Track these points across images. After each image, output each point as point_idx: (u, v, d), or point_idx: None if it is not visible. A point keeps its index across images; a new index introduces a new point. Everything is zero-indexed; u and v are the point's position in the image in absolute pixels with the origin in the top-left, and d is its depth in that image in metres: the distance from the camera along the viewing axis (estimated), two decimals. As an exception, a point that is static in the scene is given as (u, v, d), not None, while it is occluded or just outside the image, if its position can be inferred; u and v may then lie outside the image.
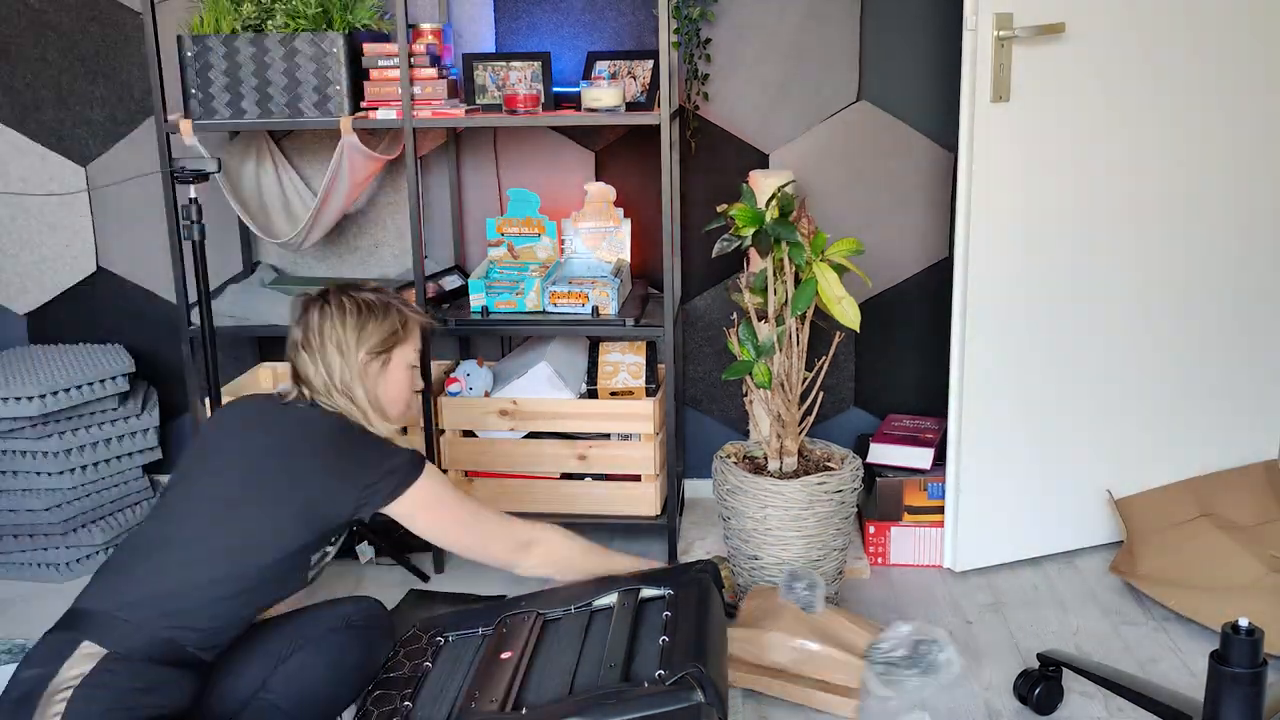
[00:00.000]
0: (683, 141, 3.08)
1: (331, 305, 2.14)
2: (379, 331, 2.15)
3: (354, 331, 2.12)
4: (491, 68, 2.87)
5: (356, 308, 2.14)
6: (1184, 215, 2.78)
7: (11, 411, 2.77)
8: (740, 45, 3.01)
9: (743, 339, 2.58)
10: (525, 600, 2.20)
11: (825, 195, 3.08)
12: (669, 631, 1.92)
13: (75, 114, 3.18)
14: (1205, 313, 2.85)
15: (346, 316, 2.13)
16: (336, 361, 2.11)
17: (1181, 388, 2.88)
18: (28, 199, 3.23)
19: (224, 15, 2.73)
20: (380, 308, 2.16)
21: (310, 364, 2.12)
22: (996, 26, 2.52)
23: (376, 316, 2.15)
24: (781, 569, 2.55)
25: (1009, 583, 2.81)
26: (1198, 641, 2.51)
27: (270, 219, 3.00)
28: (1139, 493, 2.90)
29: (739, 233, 2.53)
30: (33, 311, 3.31)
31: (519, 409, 2.86)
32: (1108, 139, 2.68)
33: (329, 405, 2.13)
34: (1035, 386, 2.77)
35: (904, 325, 3.15)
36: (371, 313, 2.15)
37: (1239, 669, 1.76)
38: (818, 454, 2.71)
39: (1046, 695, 2.24)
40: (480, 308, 2.79)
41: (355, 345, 2.12)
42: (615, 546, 3.04)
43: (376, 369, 2.16)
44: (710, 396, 3.25)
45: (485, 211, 3.17)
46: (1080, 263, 2.73)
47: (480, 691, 1.87)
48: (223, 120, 2.75)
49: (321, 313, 2.13)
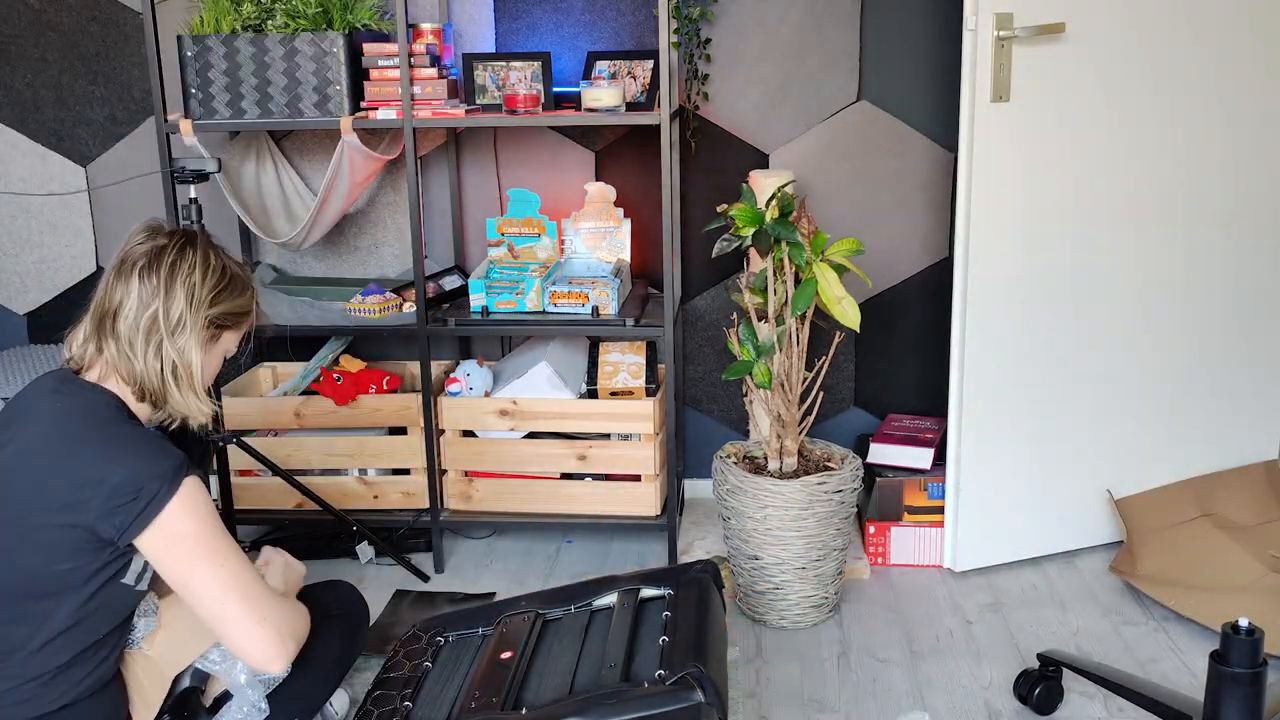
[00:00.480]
0: (683, 141, 3.08)
1: (197, 253, 1.82)
2: (232, 305, 1.86)
3: (210, 291, 1.81)
4: (491, 68, 2.87)
5: (222, 269, 1.85)
6: (1184, 215, 2.78)
7: (11, 411, 2.77)
8: (740, 45, 3.01)
9: (743, 339, 2.58)
10: (525, 600, 2.20)
11: (825, 195, 3.08)
12: (669, 631, 1.92)
13: (75, 114, 3.18)
14: (1205, 313, 2.85)
15: (209, 274, 1.82)
16: (179, 308, 1.77)
17: (1181, 388, 2.88)
18: (28, 199, 3.23)
19: (224, 15, 2.73)
20: (241, 283, 1.88)
21: (134, 296, 1.76)
22: (996, 26, 2.52)
23: (236, 289, 1.86)
24: (781, 566, 2.55)
25: (1009, 583, 2.80)
26: (1198, 641, 2.51)
27: (270, 219, 3.00)
28: (1139, 493, 2.90)
29: (739, 233, 2.53)
30: (33, 311, 3.31)
31: (519, 409, 2.86)
32: (1108, 139, 2.68)
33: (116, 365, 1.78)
34: (1035, 386, 2.77)
35: (904, 325, 3.15)
36: (233, 283, 1.86)
37: (1239, 669, 1.76)
38: (818, 454, 2.71)
39: (1046, 695, 2.24)
40: (480, 308, 2.79)
41: (207, 303, 1.81)
42: (615, 546, 3.06)
43: (204, 340, 1.83)
44: (710, 396, 3.25)
45: (485, 211, 3.17)
46: (1080, 262, 2.73)
47: (480, 691, 1.87)
48: (223, 120, 2.75)
49: (181, 253, 1.81)
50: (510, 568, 2.95)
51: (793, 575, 2.57)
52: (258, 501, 2.97)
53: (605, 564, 2.95)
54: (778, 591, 2.59)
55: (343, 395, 2.91)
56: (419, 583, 2.86)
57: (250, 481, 2.96)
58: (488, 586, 2.82)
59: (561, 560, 2.98)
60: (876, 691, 2.37)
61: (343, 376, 2.95)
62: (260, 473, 2.94)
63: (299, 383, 3.04)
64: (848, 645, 2.55)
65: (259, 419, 2.96)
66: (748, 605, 2.67)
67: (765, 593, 2.61)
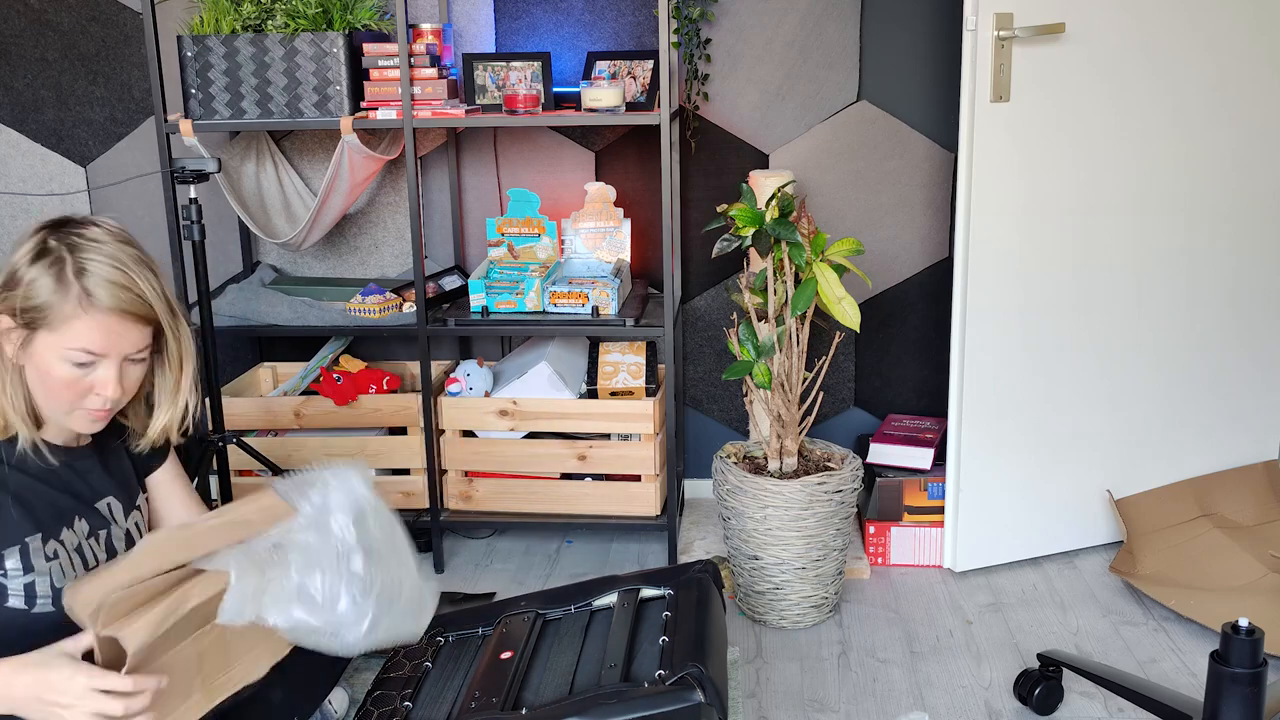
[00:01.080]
0: (683, 141, 3.08)
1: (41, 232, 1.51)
2: (35, 294, 1.48)
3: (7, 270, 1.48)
4: (491, 68, 2.87)
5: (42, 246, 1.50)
6: (1184, 214, 2.78)
7: (11, 411, 2.77)
8: (740, 45, 3.01)
9: (743, 339, 2.58)
10: (525, 600, 2.20)
11: (825, 195, 3.08)
12: (669, 631, 1.92)
13: (75, 114, 3.18)
14: (1205, 313, 2.85)
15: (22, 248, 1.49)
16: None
17: (1181, 388, 2.88)
18: (28, 199, 3.23)
19: (224, 15, 2.73)
20: (60, 266, 1.47)
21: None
22: (996, 26, 2.52)
23: (50, 275, 1.48)
24: (781, 566, 2.56)
25: (1009, 583, 2.81)
26: (1198, 641, 2.51)
27: (270, 219, 3.00)
28: (1139, 493, 2.90)
29: (739, 233, 2.53)
30: (33, 311, 3.31)
31: (519, 409, 2.86)
32: (1107, 139, 2.68)
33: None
34: (1035, 386, 2.77)
35: (904, 325, 3.15)
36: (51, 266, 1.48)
37: (1239, 669, 1.76)
38: (818, 454, 2.71)
39: (1046, 695, 2.24)
40: (480, 308, 2.79)
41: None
42: (615, 546, 3.06)
43: (16, 340, 1.51)
44: (710, 396, 3.25)
45: (485, 211, 3.17)
46: (1080, 262, 2.73)
47: (480, 691, 1.88)
48: (223, 120, 2.75)
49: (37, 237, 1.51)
50: (510, 568, 2.95)
51: (793, 575, 2.57)
52: (258, 501, 2.96)
53: (605, 564, 2.95)
54: (778, 591, 2.59)
55: (343, 395, 2.91)
56: (419, 583, 2.86)
57: (250, 481, 2.96)
58: (488, 586, 2.82)
59: (561, 560, 2.99)
60: (876, 691, 2.37)
61: (343, 376, 2.95)
62: (260, 473, 2.94)
63: (299, 383, 3.04)
64: (848, 645, 2.55)
65: (259, 419, 2.96)
66: (748, 605, 2.67)
67: (765, 593, 2.61)
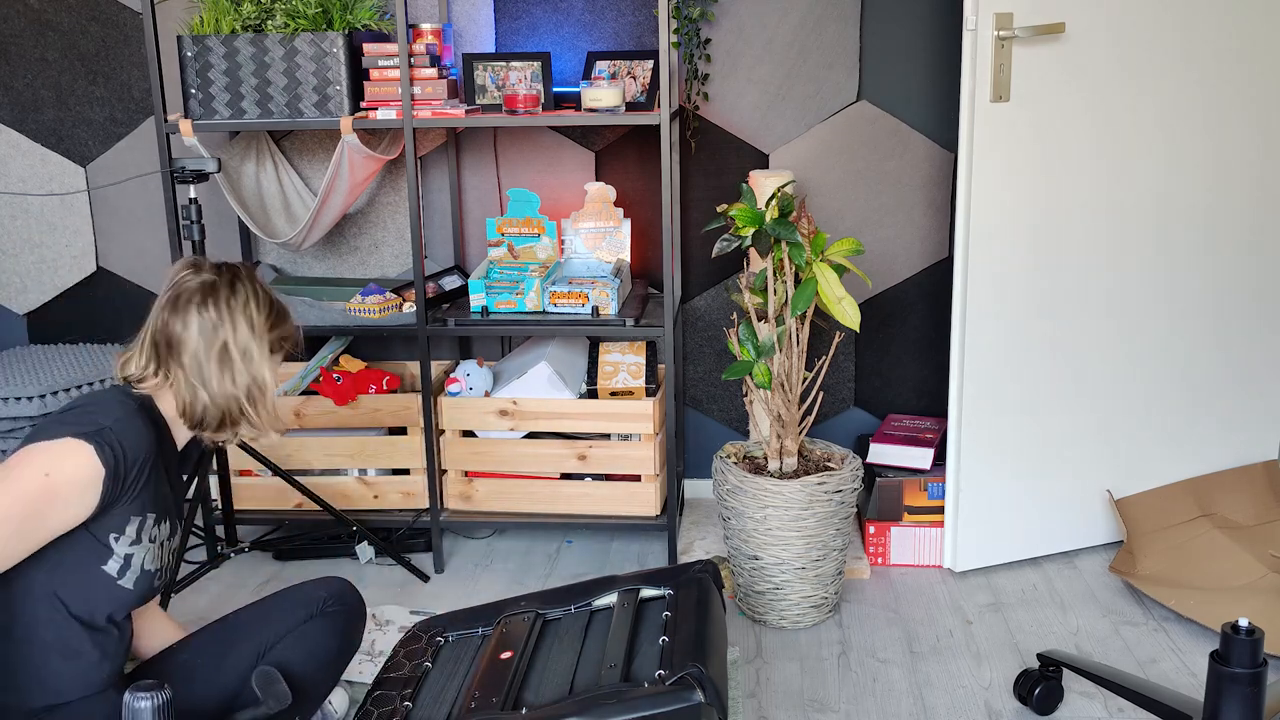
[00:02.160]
0: (683, 141, 3.08)
1: (247, 286, 1.93)
2: (283, 330, 1.99)
3: (265, 319, 1.94)
4: (491, 68, 2.87)
5: (270, 299, 1.98)
6: (1183, 214, 2.78)
7: (11, 411, 2.77)
8: (740, 45, 3.01)
9: (743, 339, 2.58)
10: (525, 600, 2.20)
11: (825, 195, 3.08)
12: (669, 631, 1.92)
13: (75, 114, 3.18)
14: (1205, 313, 2.85)
15: (261, 304, 1.94)
16: (244, 337, 1.90)
17: (1181, 388, 2.88)
18: (28, 199, 3.23)
19: (224, 15, 2.73)
20: (285, 309, 2.01)
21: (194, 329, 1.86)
22: (996, 26, 2.52)
23: (284, 315, 2.00)
24: (781, 566, 2.56)
25: (1009, 583, 2.81)
26: (1198, 641, 2.51)
27: (270, 219, 3.00)
28: (1139, 493, 2.90)
29: (739, 233, 2.53)
30: (33, 311, 3.31)
31: (519, 409, 2.86)
32: (1107, 139, 2.68)
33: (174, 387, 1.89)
34: (1035, 386, 2.77)
35: (904, 325, 3.15)
36: (282, 311, 1.99)
37: (1239, 669, 1.76)
38: (818, 454, 2.71)
39: (1046, 695, 2.24)
40: (480, 308, 2.79)
41: (266, 329, 1.94)
42: (615, 546, 3.06)
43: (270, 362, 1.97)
44: (710, 396, 3.25)
45: (485, 211, 3.17)
46: (1080, 262, 2.73)
47: (480, 691, 1.87)
48: (223, 120, 2.75)
49: (233, 288, 1.91)
50: (510, 568, 2.95)
51: (793, 575, 2.57)
52: (258, 501, 2.97)
53: (605, 564, 2.95)
54: (778, 591, 2.59)
55: (343, 395, 2.91)
56: (418, 582, 2.86)
57: (250, 481, 2.96)
58: (488, 586, 2.82)
59: (561, 560, 2.99)
60: (876, 691, 2.37)
61: (343, 376, 2.95)
62: (260, 473, 2.94)
63: (299, 383, 3.04)
64: (848, 645, 2.55)
65: (259, 419, 2.96)
66: (748, 605, 2.67)
67: (765, 593, 2.61)
